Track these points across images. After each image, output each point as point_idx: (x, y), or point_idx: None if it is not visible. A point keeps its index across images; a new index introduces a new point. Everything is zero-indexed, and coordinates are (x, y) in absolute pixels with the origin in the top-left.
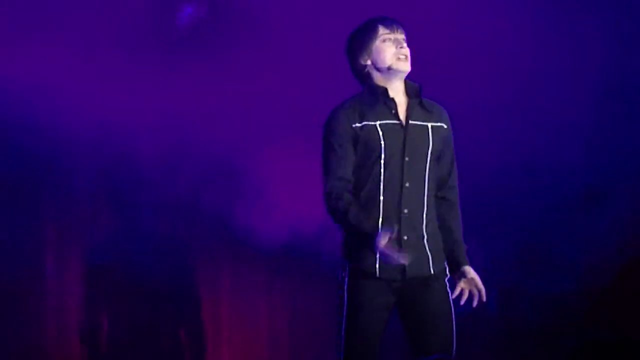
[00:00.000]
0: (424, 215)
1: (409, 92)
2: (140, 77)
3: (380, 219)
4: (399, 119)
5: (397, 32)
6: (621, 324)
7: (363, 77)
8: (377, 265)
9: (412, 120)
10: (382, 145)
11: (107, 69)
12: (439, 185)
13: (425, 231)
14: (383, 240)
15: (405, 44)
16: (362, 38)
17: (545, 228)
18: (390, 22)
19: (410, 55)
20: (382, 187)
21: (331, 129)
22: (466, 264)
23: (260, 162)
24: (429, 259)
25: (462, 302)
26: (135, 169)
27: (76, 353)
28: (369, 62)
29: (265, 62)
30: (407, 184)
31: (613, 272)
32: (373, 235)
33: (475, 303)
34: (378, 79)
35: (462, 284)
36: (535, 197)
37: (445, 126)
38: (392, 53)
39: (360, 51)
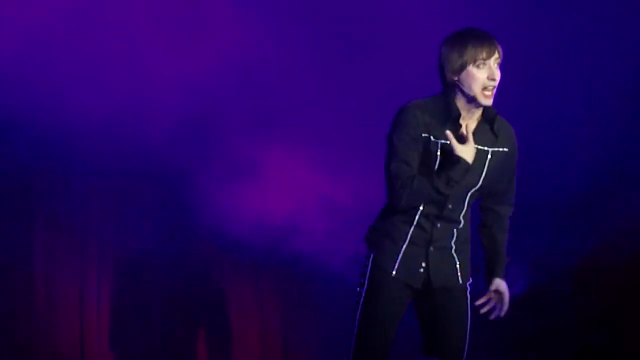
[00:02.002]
0: (455, 229)
1: (484, 115)
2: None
3: (413, 226)
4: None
5: (495, 55)
6: (616, 329)
7: (447, 86)
8: (396, 265)
9: (478, 145)
10: (437, 165)
11: (112, 62)
12: (492, 197)
13: (454, 242)
14: (454, 142)
15: (497, 73)
16: (459, 54)
17: (540, 230)
18: (492, 46)
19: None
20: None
21: (404, 121)
22: (499, 277)
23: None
24: (456, 268)
25: (482, 311)
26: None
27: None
28: (456, 79)
29: (264, 61)
30: (450, 206)
31: (608, 277)
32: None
33: (492, 316)
34: (459, 97)
35: (490, 294)
36: (531, 200)
37: (508, 150)
38: (481, 82)
39: (454, 65)
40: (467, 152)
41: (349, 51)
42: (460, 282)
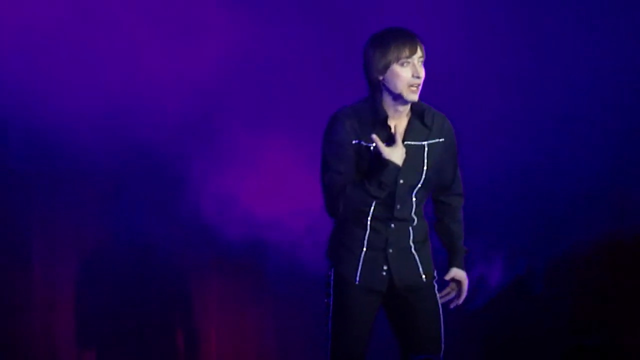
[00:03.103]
0: (411, 227)
1: (413, 111)
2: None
3: (368, 230)
4: (393, 141)
5: (418, 53)
6: (606, 329)
7: (373, 87)
8: (359, 274)
9: (408, 140)
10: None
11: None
12: (441, 190)
13: (412, 240)
14: (380, 144)
15: (421, 70)
16: (382, 54)
17: (533, 231)
18: (414, 43)
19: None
20: (373, 206)
21: (333, 132)
22: (455, 266)
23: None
24: (418, 266)
25: (442, 301)
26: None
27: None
28: (381, 78)
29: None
30: (398, 206)
31: (598, 278)
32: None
33: (452, 305)
34: (385, 97)
35: (451, 285)
36: (524, 202)
37: (444, 140)
38: (406, 81)
39: (378, 66)
40: (395, 154)
41: (348, 52)
42: (424, 280)
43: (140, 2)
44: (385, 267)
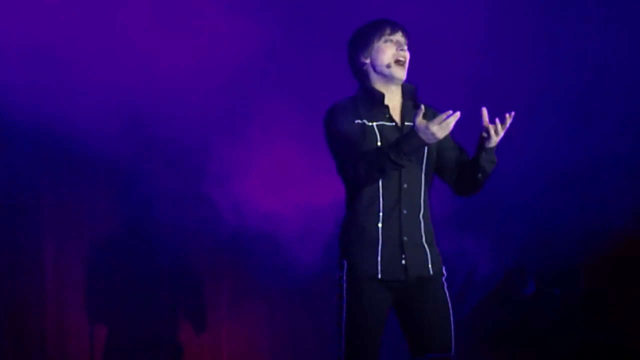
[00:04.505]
0: (421, 216)
1: (404, 93)
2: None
3: (381, 221)
4: (393, 121)
5: (400, 35)
6: (616, 327)
7: (361, 76)
8: (380, 267)
9: (407, 121)
10: (379, 146)
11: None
12: (457, 160)
13: (423, 231)
14: (419, 118)
15: (405, 47)
16: (365, 36)
17: (535, 229)
18: (395, 25)
19: (410, 59)
20: (381, 187)
21: (336, 115)
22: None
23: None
24: (428, 259)
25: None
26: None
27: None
28: (368, 61)
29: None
30: (405, 185)
31: (606, 275)
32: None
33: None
34: (375, 80)
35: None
36: (525, 199)
37: None
38: (391, 54)
39: (362, 49)
40: (426, 132)
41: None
42: (432, 272)
43: (158, 1)
44: (403, 256)
